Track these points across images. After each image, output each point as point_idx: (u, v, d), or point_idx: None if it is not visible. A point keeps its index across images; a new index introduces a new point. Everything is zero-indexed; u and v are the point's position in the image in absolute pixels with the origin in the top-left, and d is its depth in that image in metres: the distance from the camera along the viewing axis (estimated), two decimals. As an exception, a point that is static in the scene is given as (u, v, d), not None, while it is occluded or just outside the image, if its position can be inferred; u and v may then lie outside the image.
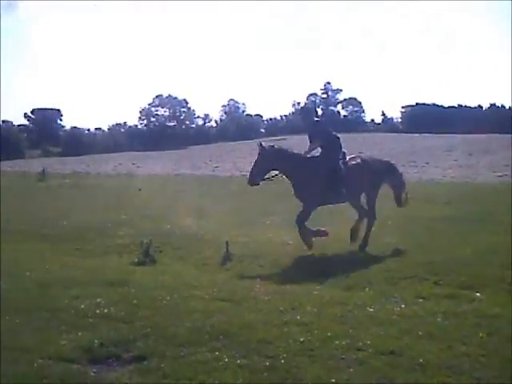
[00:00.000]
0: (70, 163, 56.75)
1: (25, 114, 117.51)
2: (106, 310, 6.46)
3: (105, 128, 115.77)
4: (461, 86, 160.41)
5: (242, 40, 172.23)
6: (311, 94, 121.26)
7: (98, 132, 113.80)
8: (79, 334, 5.75)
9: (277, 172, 10.27)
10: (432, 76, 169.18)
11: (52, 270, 8.65)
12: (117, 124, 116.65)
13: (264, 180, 10.22)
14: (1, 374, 4.81)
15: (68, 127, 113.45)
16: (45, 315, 6.38)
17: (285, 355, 5.19)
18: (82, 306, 6.63)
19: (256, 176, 10.05)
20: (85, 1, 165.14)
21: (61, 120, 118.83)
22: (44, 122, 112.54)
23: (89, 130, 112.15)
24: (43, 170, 32.85)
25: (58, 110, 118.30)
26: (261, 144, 10.17)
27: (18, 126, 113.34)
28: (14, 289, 7.46)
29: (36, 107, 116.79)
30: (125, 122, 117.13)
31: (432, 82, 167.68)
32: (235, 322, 6.07)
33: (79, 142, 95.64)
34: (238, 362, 5.07)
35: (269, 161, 10.02)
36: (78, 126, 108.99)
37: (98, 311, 6.44)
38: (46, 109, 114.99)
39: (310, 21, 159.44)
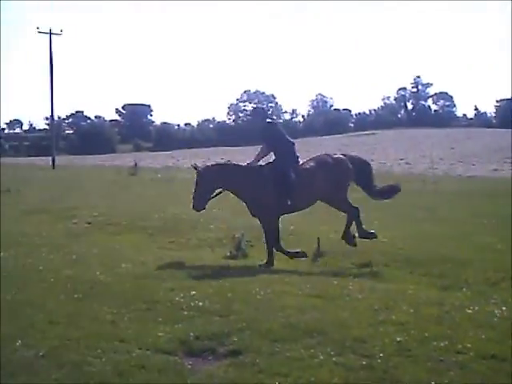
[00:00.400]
0: (161, 158, 58.09)
1: (116, 109, 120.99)
2: (200, 303, 6.52)
3: (194, 123, 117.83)
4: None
5: (330, 34, 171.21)
6: (401, 89, 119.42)
7: (187, 127, 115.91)
8: (175, 326, 5.83)
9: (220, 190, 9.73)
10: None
11: (147, 263, 8.82)
12: (205, 119, 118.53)
13: (211, 199, 9.75)
14: (102, 363, 4.94)
15: (158, 123, 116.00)
16: (141, 306, 6.50)
17: (381, 355, 5.07)
18: (177, 299, 6.71)
19: (199, 200, 9.60)
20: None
21: (151, 115, 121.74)
22: (135, 117, 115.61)
23: (178, 125, 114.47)
24: (135, 164, 33.65)
25: (149, 105, 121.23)
26: (195, 167, 9.63)
27: (110, 121, 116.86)
28: (110, 280, 7.65)
29: (127, 103, 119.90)
30: (213, 118, 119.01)
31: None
32: (329, 320, 6.00)
33: (169, 137, 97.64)
34: (334, 359, 5.00)
35: (209, 182, 9.49)
36: (168, 122, 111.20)
37: (192, 304, 6.51)
38: (136, 104, 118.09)
39: (401, 14, 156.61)
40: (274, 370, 4.83)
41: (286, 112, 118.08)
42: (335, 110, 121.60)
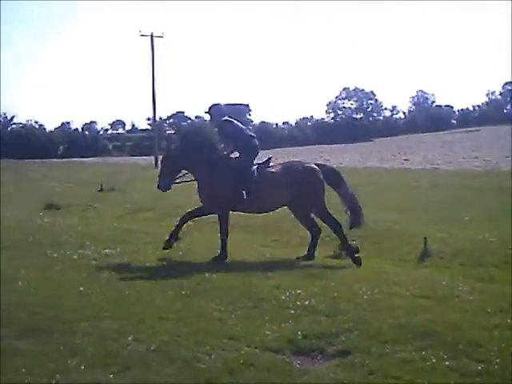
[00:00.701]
0: (260, 156, 58.47)
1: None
2: (306, 302, 6.48)
3: (292, 122, 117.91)
4: None
5: (428, 29, 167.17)
6: (507, 83, 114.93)
7: (285, 126, 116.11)
8: (282, 324, 5.81)
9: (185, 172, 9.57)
10: None
11: (251, 260, 8.87)
12: (304, 118, 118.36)
13: (176, 183, 9.62)
14: (211, 359, 4.98)
15: (256, 122, 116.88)
16: (248, 304, 6.53)
17: (498, 360, 4.86)
18: (283, 297, 6.70)
19: (164, 180, 9.48)
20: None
21: (249, 115, 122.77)
22: (234, 116, 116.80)
23: (276, 124, 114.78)
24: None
25: (247, 104, 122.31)
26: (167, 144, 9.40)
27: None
28: (216, 277, 7.73)
29: (226, 102, 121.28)
30: (311, 116, 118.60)
31: None
32: (440, 321, 5.81)
33: (268, 136, 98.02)
34: (447, 363, 4.83)
35: (174, 161, 9.39)
36: (266, 121, 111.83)
37: (298, 303, 6.48)
38: (235, 104, 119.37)
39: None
40: (385, 371, 4.72)
41: (386, 109, 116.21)
42: (437, 106, 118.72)
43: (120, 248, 9.79)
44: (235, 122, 9.80)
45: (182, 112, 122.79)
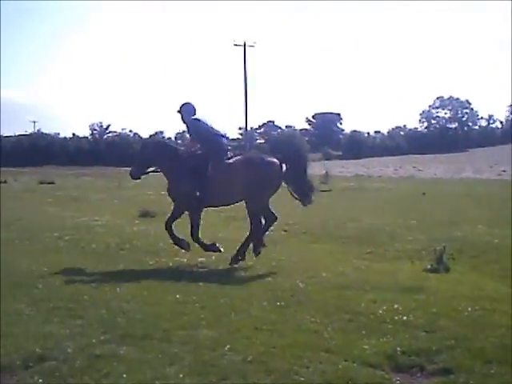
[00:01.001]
0: (351, 166, 58.03)
1: (306, 118, 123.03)
2: (404, 317, 6.32)
3: (384, 131, 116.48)
4: None
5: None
6: None
7: (377, 135, 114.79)
8: (380, 339, 5.68)
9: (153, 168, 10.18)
10: None
11: (346, 273, 8.74)
12: (396, 127, 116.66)
13: (145, 174, 10.30)
14: (309, 372, 4.93)
15: (348, 131, 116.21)
16: (344, 317, 6.43)
17: None
18: (380, 311, 6.56)
19: (136, 169, 10.18)
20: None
21: (341, 124, 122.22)
22: (324, 125, 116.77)
23: (368, 133, 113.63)
24: (326, 173, 33.78)
25: (338, 113, 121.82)
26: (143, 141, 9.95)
27: (300, 130, 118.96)
28: (311, 289, 7.67)
29: (317, 112, 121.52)
30: (404, 125, 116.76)
31: None
32: (550, 343, 5.52)
33: (359, 146, 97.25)
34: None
35: (145, 158, 10.07)
36: (358, 130, 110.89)
37: (396, 318, 6.32)
38: (326, 113, 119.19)
39: None
40: (490, 393, 4.53)
41: (481, 118, 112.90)
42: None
43: (215, 256, 9.88)
44: (203, 121, 9.99)
45: (273, 121, 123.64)
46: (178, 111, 10.04)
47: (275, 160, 9.76)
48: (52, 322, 6.28)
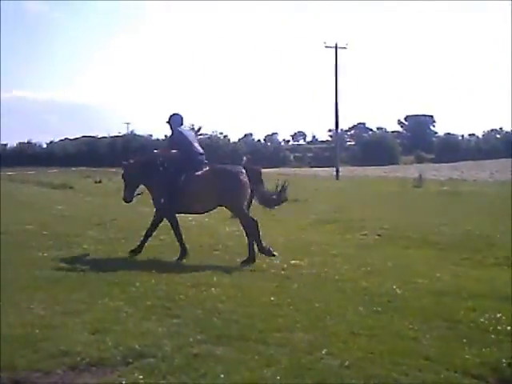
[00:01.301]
0: (444, 169, 56.60)
1: (398, 120, 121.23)
2: (508, 327, 6.07)
3: (479, 134, 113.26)
4: None
5: None
6: None
7: (471, 138, 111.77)
8: (483, 349, 5.47)
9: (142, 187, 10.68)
10: None
11: (443, 279, 8.50)
12: (492, 129, 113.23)
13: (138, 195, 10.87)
14: (409, 379, 4.80)
15: (441, 133, 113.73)
16: (442, 325, 6.25)
17: None
18: (482, 320, 6.33)
19: (127, 192, 10.66)
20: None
21: (433, 126, 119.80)
22: (417, 128, 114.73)
23: (462, 136, 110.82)
24: (420, 176, 33.14)
25: (431, 116, 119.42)
26: (123, 162, 10.55)
27: (392, 132, 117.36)
28: (408, 295, 7.51)
29: (409, 114, 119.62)
30: (501, 128, 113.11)
31: None
32: None
33: (453, 149, 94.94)
34: None
35: (131, 178, 10.57)
36: (452, 133, 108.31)
37: (499, 327, 6.08)
38: (419, 115, 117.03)
39: None
40: None
41: None
42: None
43: (307, 259, 9.83)
44: (186, 133, 10.69)
45: (364, 123, 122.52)
46: (167, 122, 10.71)
47: (242, 168, 10.36)
48: (150, 319, 6.39)
